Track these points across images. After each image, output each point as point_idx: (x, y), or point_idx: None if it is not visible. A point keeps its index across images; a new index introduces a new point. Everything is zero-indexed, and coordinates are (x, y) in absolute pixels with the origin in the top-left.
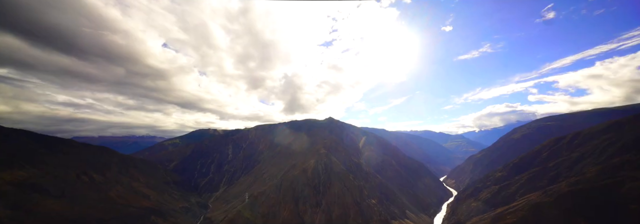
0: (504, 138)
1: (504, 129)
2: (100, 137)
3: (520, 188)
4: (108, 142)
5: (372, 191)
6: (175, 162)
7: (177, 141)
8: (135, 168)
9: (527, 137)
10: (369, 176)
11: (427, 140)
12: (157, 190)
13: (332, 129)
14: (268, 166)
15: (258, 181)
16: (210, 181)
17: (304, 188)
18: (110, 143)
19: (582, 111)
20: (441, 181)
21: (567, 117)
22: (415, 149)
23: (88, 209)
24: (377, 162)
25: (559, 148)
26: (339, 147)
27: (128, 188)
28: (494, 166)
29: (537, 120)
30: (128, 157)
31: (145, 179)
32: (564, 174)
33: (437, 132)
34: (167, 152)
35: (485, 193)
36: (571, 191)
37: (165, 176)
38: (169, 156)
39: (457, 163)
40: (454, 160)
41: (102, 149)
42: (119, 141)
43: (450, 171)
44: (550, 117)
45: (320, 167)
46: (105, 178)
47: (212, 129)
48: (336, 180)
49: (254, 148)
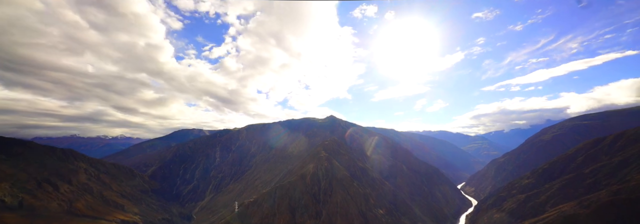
0: (532, 140)
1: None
2: (66, 139)
3: (552, 197)
4: (75, 145)
5: (379, 200)
6: (154, 167)
7: (156, 142)
8: (107, 174)
9: (559, 138)
10: (376, 183)
11: (442, 142)
12: (132, 200)
13: (334, 129)
14: (261, 171)
15: (249, 189)
16: (194, 189)
17: (302, 197)
18: (77, 145)
19: (626, 108)
20: (459, 188)
21: (606, 115)
22: (430, 152)
23: (51, 223)
24: (385, 168)
25: (597, 152)
26: (341, 150)
27: (98, 198)
28: (520, 172)
29: (571, 119)
30: (98, 162)
31: (119, 187)
32: (603, 181)
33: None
34: (145, 155)
35: (510, 202)
36: (612, 201)
37: (143, 184)
38: (146, 160)
39: (477, 168)
40: (473, 165)
41: (68, 153)
42: (88, 142)
43: (470, 177)
44: (586, 115)
45: (320, 172)
46: (71, 187)
47: (197, 129)
48: (339, 187)
49: (244, 151)
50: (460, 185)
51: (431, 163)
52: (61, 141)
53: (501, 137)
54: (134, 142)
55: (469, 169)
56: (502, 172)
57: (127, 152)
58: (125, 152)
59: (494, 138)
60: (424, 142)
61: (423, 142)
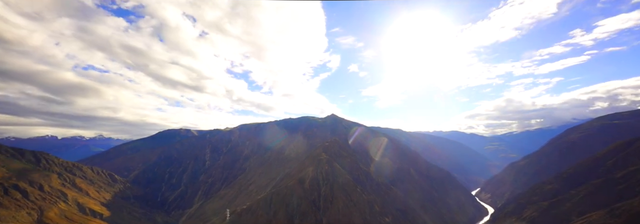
0: (556, 141)
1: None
2: (38, 140)
3: (578, 204)
4: (48, 146)
5: (385, 207)
6: (136, 171)
7: (139, 144)
8: (83, 179)
9: (586, 139)
10: (381, 189)
11: (455, 143)
12: (112, 207)
13: (336, 129)
14: (255, 175)
15: (243, 194)
16: (181, 195)
17: (301, 203)
18: (50, 147)
19: None
20: (473, 195)
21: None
22: (441, 154)
23: None
24: (392, 171)
25: (630, 154)
26: (344, 151)
27: (74, 206)
28: (543, 177)
29: (600, 118)
30: (74, 166)
31: (97, 193)
32: (637, 188)
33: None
34: (126, 158)
35: (531, 210)
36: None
37: (124, 190)
38: (128, 164)
39: (494, 172)
40: (489, 168)
41: (40, 155)
42: (62, 144)
43: (485, 182)
44: (616, 114)
45: (320, 177)
46: (43, 193)
47: (185, 129)
48: (340, 193)
49: (237, 153)
50: (475, 191)
51: (442, 167)
52: (32, 143)
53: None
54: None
55: (485, 173)
56: (522, 176)
57: (106, 155)
58: (104, 155)
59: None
60: (434, 144)
61: (433, 144)
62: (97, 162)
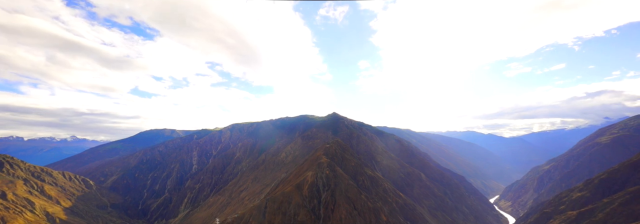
0: (585, 142)
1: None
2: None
3: (612, 215)
4: (12, 148)
5: (393, 215)
6: (114, 176)
7: (117, 146)
8: (53, 186)
9: (621, 141)
10: (388, 195)
11: (470, 145)
12: (86, 217)
13: (337, 130)
14: (248, 180)
15: (234, 202)
16: (165, 203)
17: (298, 212)
18: (15, 149)
19: None
20: (492, 202)
21: None
22: (454, 157)
23: None
24: (400, 176)
25: None
26: (346, 154)
27: (42, 216)
28: (571, 183)
29: (636, 117)
30: (43, 170)
31: (69, 201)
32: None
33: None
34: (103, 162)
35: (557, 221)
36: None
37: (100, 197)
38: (105, 168)
39: (515, 178)
40: (509, 173)
41: (3, 159)
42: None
43: (505, 188)
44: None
45: (320, 182)
46: (6, 202)
47: (169, 129)
48: (343, 200)
49: (228, 156)
50: (494, 198)
51: (456, 171)
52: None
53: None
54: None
55: (504, 178)
56: (547, 182)
57: (80, 158)
58: (77, 158)
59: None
60: (447, 146)
61: (445, 145)
62: (69, 166)
